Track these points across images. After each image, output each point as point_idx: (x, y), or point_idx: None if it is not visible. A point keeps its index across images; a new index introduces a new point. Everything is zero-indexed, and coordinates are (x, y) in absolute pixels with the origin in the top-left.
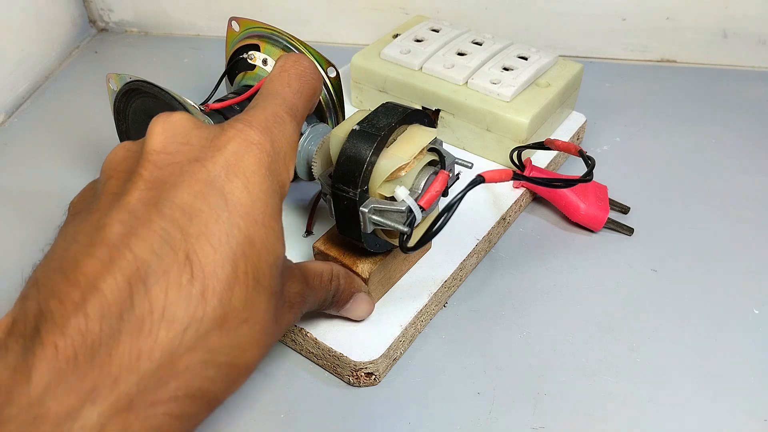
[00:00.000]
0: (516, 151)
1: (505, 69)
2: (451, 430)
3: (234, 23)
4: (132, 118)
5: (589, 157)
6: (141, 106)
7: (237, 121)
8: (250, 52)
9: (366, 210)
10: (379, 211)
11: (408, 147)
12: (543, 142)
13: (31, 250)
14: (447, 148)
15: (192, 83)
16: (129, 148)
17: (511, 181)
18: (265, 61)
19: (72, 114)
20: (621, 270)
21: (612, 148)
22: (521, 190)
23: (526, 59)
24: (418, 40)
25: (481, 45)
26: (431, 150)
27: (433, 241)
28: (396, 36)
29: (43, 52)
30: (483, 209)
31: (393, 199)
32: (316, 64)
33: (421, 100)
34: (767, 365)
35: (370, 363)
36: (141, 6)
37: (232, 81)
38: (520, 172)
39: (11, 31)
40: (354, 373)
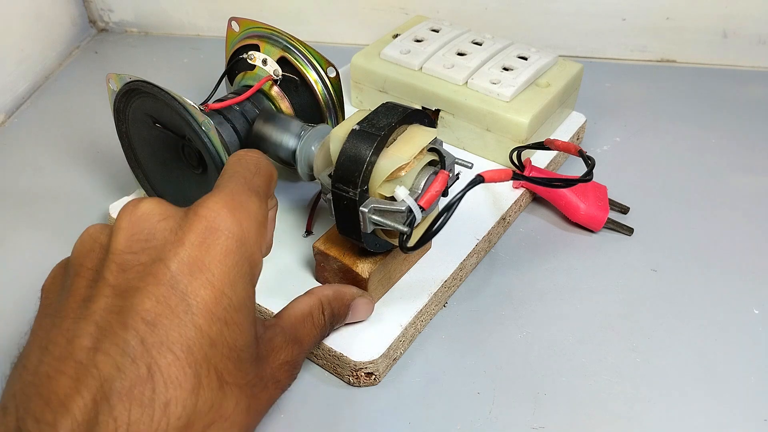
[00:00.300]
0: (516, 151)
1: (505, 69)
2: (451, 430)
3: (234, 23)
4: (132, 118)
5: (589, 157)
6: (141, 107)
7: (202, 207)
8: (250, 52)
9: (366, 210)
10: (379, 211)
11: (408, 147)
12: (543, 142)
13: (31, 251)
14: (447, 148)
15: (192, 83)
16: (96, 238)
17: (511, 181)
18: (264, 61)
19: (72, 114)
20: (621, 270)
21: (612, 148)
22: (521, 190)
23: (526, 59)
24: (418, 40)
25: (481, 45)
26: (431, 150)
27: (433, 241)
28: (396, 36)
29: (43, 52)
30: (483, 209)
31: (393, 199)
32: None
33: (421, 100)
34: (767, 365)
35: (370, 363)
36: (141, 6)
37: (232, 81)
38: (519, 172)
39: (11, 31)
40: (354, 373)
